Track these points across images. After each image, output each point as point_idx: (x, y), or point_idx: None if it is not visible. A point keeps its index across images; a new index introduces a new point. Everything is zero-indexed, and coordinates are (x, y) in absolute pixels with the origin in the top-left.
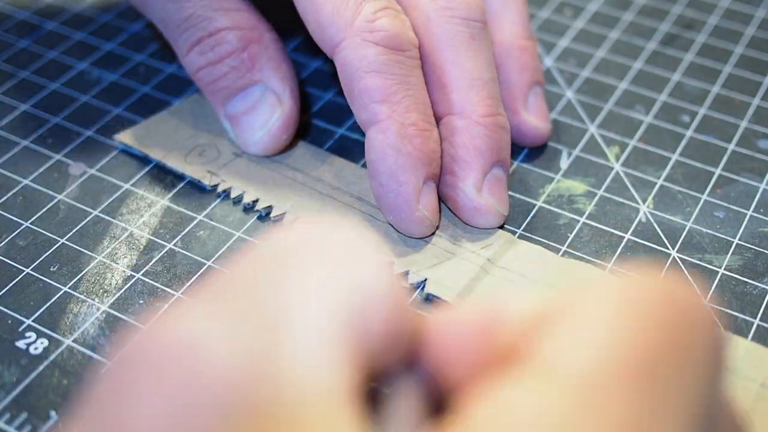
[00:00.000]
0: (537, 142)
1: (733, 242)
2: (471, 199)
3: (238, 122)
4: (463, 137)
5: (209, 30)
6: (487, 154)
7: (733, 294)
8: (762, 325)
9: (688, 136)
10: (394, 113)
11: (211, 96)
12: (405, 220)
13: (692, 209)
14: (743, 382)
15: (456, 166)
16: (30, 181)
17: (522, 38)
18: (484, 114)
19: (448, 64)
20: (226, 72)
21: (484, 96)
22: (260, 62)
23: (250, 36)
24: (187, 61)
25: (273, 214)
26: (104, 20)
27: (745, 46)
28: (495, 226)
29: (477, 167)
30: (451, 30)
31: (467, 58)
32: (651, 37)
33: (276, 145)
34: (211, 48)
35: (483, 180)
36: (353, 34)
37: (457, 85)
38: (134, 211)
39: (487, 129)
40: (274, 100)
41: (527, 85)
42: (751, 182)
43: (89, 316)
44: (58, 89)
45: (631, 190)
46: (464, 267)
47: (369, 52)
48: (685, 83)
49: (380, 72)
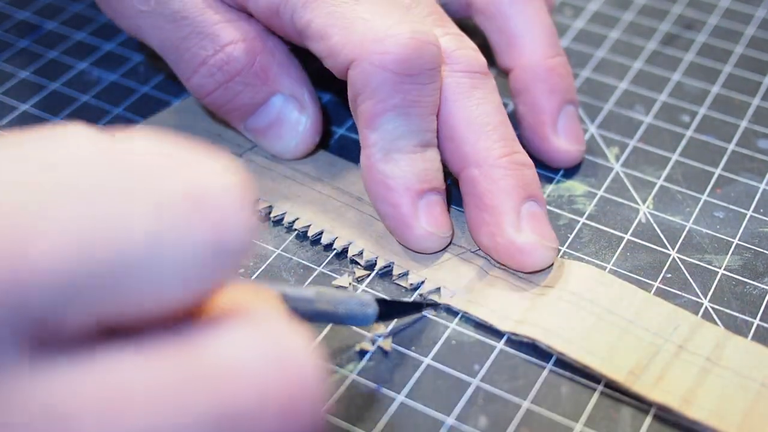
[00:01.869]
0: (569, 165)
1: (733, 242)
2: (512, 241)
3: (265, 135)
4: (484, 184)
5: (213, 48)
6: (513, 193)
7: (733, 294)
8: (762, 325)
9: (688, 136)
10: (382, 140)
11: (227, 115)
12: (408, 239)
13: (692, 209)
14: (743, 381)
15: (486, 214)
16: None
17: (548, 57)
18: (499, 156)
19: (453, 118)
20: (241, 90)
21: (495, 139)
22: (272, 71)
23: (255, 46)
24: (193, 85)
25: (273, 214)
26: (104, 20)
27: (745, 46)
28: (548, 263)
29: (507, 208)
30: (452, 83)
31: (472, 108)
32: (651, 37)
33: (309, 149)
34: (219, 68)
35: (518, 219)
36: (363, 56)
37: (466, 137)
38: None
39: (506, 169)
40: (298, 106)
41: (557, 109)
42: (751, 182)
43: None
44: (58, 89)
45: (631, 191)
46: (464, 267)
47: (374, 78)
48: (685, 83)
49: (378, 100)
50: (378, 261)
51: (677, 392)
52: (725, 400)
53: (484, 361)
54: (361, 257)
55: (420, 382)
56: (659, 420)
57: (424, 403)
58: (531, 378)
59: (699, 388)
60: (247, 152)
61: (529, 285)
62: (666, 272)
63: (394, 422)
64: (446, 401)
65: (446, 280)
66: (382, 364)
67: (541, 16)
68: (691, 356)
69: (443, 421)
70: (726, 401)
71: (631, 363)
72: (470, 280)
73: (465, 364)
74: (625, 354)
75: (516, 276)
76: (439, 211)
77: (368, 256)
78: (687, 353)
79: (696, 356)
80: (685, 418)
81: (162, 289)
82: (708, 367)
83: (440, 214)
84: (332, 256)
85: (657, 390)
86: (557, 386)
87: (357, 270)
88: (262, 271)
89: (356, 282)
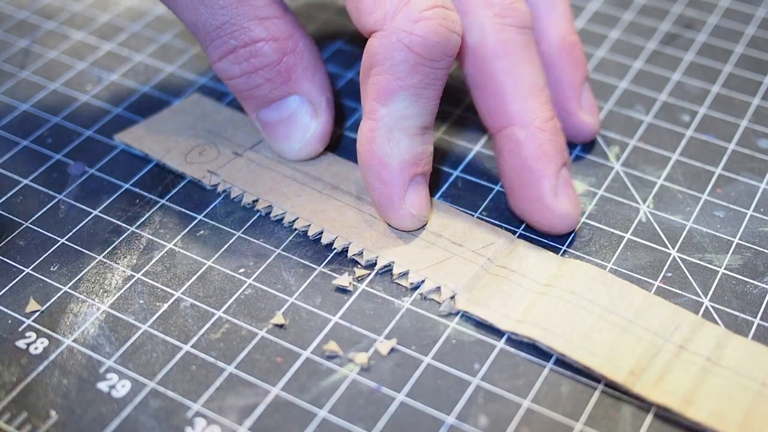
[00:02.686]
0: (589, 139)
1: (733, 242)
2: (550, 206)
3: (274, 131)
4: (531, 147)
5: (244, 41)
6: (556, 158)
7: (733, 293)
8: (762, 325)
9: (688, 135)
10: (389, 116)
11: (244, 102)
12: (390, 217)
13: (692, 209)
14: (743, 381)
15: (528, 176)
16: (30, 181)
17: (571, 32)
18: (545, 119)
19: (504, 74)
20: (261, 83)
21: (542, 102)
22: (296, 73)
23: (285, 47)
24: (219, 68)
25: (273, 214)
26: (104, 20)
27: (745, 46)
28: (573, 228)
29: (550, 173)
30: (507, 38)
31: (522, 66)
32: (651, 36)
33: (312, 155)
34: (246, 59)
35: (556, 185)
36: (391, 29)
37: (514, 95)
38: (134, 211)
39: (551, 134)
40: (311, 111)
41: (581, 83)
42: (751, 182)
43: (89, 316)
44: (58, 89)
45: (631, 190)
46: (464, 266)
47: (398, 55)
48: (685, 83)
49: (396, 77)
50: (378, 261)
51: (678, 392)
52: (726, 399)
53: (485, 360)
54: (361, 257)
55: (420, 382)
56: (660, 419)
57: (424, 402)
58: (531, 377)
59: (699, 387)
60: (247, 151)
61: (530, 284)
62: (666, 271)
63: (394, 422)
64: (446, 400)
65: (446, 279)
66: (382, 364)
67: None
68: (691, 356)
69: (443, 421)
70: (726, 401)
71: (631, 363)
72: (470, 280)
73: (465, 364)
74: (626, 354)
75: (516, 275)
76: (422, 195)
77: (368, 255)
78: (687, 353)
79: (696, 356)
80: (686, 418)
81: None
82: (708, 366)
83: (423, 197)
84: (332, 255)
85: (657, 390)
86: (557, 385)
87: (357, 270)
88: (262, 271)
89: (356, 281)
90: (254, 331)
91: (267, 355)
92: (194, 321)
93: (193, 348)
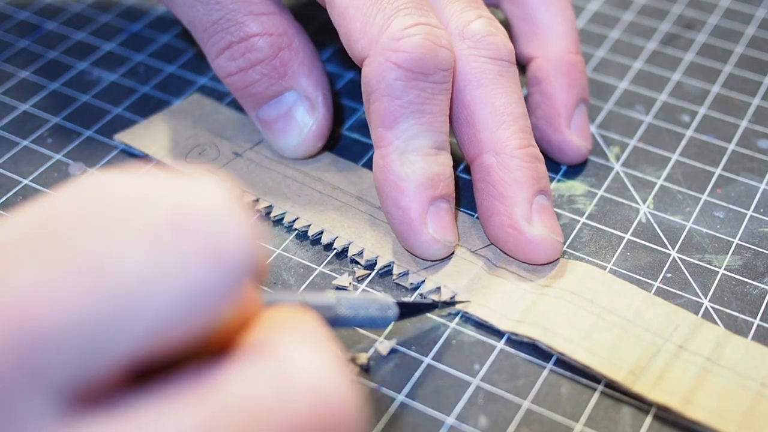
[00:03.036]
0: (576, 161)
1: (733, 242)
2: (523, 232)
3: (272, 128)
4: (500, 173)
5: (239, 35)
6: (527, 185)
7: (733, 294)
8: (762, 325)
9: (688, 136)
10: (398, 140)
11: (242, 100)
12: (413, 245)
13: (692, 209)
14: (743, 381)
15: (498, 203)
16: (30, 181)
17: (572, 52)
18: (517, 147)
19: (476, 104)
20: (258, 79)
21: (515, 130)
22: (292, 68)
23: (280, 42)
24: (216, 66)
25: (273, 214)
26: (104, 20)
27: (745, 46)
28: (555, 257)
29: (521, 199)
30: (480, 68)
31: (496, 96)
32: (651, 37)
33: (310, 151)
34: (242, 54)
35: (530, 211)
36: (378, 51)
37: (486, 123)
38: None
39: (522, 160)
40: (308, 107)
41: (574, 104)
42: (751, 182)
43: None
44: (58, 89)
45: (631, 190)
46: (464, 267)
47: (389, 75)
48: (685, 83)
49: (393, 97)
50: (378, 261)
51: (677, 392)
52: (725, 399)
53: (485, 360)
54: (361, 257)
55: (420, 382)
56: (659, 420)
57: (424, 403)
58: (531, 378)
59: (699, 387)
60: (247, 151)
61: (530, 285)
62: (666, 272)
63: (394, 422)
64: (446, 401)
65: (446, 279)
66: (382, 364)
67: (568, 13)
68: (691, 356)
69: (443, 421)
70: (726, 400)
71: (631, 362)
72: (470, 280)
73: (465, 364)
74: (625, 354)
75: (516, 275)
76: (446, 219)
77: (368, 255)
78: (687, 353)
79: (696, 356)
80: (686, 417)
81: (170, 321)
82: (708, 366)
83: (448, 222)
84: (332, 255)
85: (657, 390)
86: (557, 386)
87: (357, 270)
88: None
89: (356, 282)
90: None
91: None
92: None
93: None
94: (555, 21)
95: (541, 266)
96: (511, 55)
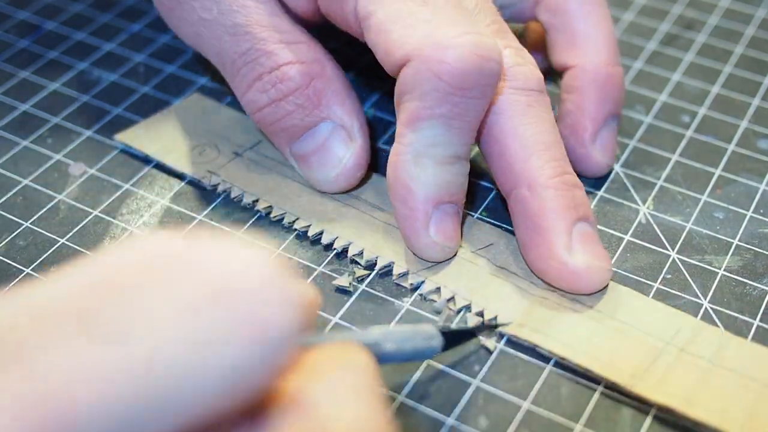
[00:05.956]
0: (596, 175)
1: (733, 243)
2: (565, 263)
3: (308, 162)
4: (535, 204)
5: (269, 65)
6: (564, 214)
7: (733, 295)
8: (762, 326)
9: (688, 136)
10: (417, 142)
11: (275, 136)
12: (414, 245)
13: (692, 210)
14: (745, 382)
15: (536, 235)
16: (30, 181)
17: (610, 64)
18: (550, 176)
19: (506, 137)
20: (291, 110)
21: (547, 159)
22: (326, 97)
23: (312, 70)
24: (247, 100)
25: (273, 214)
26: (104, 20)
27: (745, 46)
28: (604, 285)
29: (559, 229)
30: (508, 99)
31: (526, 126)
32: (651, 37)
33: (351, 183)
34: (273, 85)
35: (570, 240)
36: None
37: (517, 156)
38: (134, 211)
39: (557, 189)
40: (345, 136)
41: (603, 118)
42: (751, 182)
43: None
44: (58, 89)
45: (631, 191)
46: (464, 267)
47: (427, 84)
48: (685, 83)
49: (425, 105)
50: (378, 261)
51: (679, 393)
52: (727, 400)
53: (484, 361)
54: (361, 257)
55: (420, 382)
56: (659, 421)
57: (424, 403)
58: (531, 378)
59: (701, 389)
60: (247, 151)
61: (530, 287)
62: (666, 273)
63: (394, 422)
64: (446, 401)
65: (446, 280)
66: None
67: (608, 23)
68: (692, 358)
69: (443, 421)
70: (728, 402)
71: (632, 366)
72: (470, 281)
73: (465, 365)
74: (627, 358)
75: (516, 276)
76: (450, 224)
77: (368, 256)
78: (689, 355)
79: (698, 358)
80: (688, 418)
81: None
82: (710, 368)
83: (451, 226)
84: (332, 256)
85: (659, 392)
86: (557, 387)
87: (357, 270)
88: None
89: (356, 282)
90: None
91: None
92: None
93: None
94: (594, 31)
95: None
96: (540, 84)
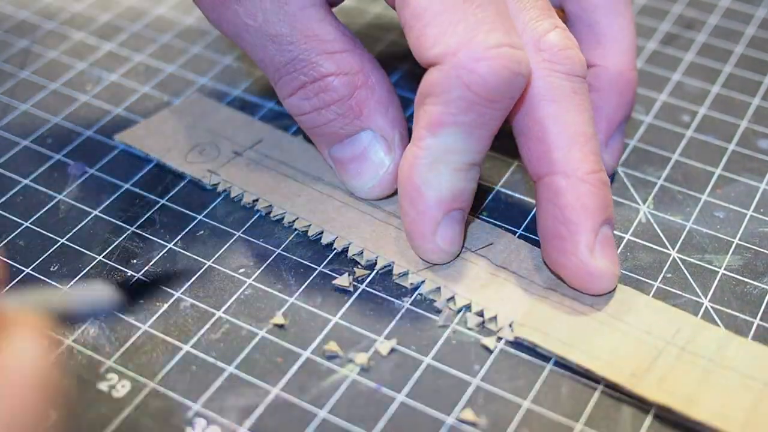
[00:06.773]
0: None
1: (733, 242)
2: (585, 263)
3: (346, 168)
4: (569, 197)
5: (313, 76)
6: (595, 213)
7: (733, 294)
8: (762, 325)
9: (688, 136)
10: (435, 147)
11: (314, 138)
12: (418, 248)
13: (692, 209)
14: (744, 381)
15: (564, 229)
16: (30, 181)
17: (632, 68)
18: (589, 171)
19: (549, 120)
20: (332, 119)
21: (587, 152)
22: (368, 107)
23: (356, 80)
24: (289, 104)
25: (273, 214)
26: (104, 20)
27: (745, 46)
28: (610, 290)
29: (588, 228)
30: (554, 83)
31: (570, 114)
32: (651, 37)
33: (386, 193)
34: (315, 94)
35: (595, 241)
36: (452, 65)
37: (558, 142)
38: (134, 211)
39: (593, 186)
40: (385, 147)
41: (618, 123)
42: (751, 182)
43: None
44: (58, 89)
45: (631, 190)
46: (465, 267)
47: (455, 91)
48: (685, 83)
49: (449, 111)
50: (378, 261)
51: (680, 392)
52: (728, 400)
53: (484, 360)
54: (361, 257)
55: (420, 382)
56: (660, 420)
57: (424, 403)
58: (531, 378)
59: (702, 388)
60: (247, 151)
61: (530, 286)
62: (666, 272)
63: (394, 422)
64: (446, 401)
65: (446, 280)
66: (382, 364)
67: (633, 26)
68: (693, 357)
69: (443, 421)
70: (729, 401)
71: (632, 365)
72: (471, 281)
73: (465, 364)
74: (627, 357)
75: (516, 276)
76: (456, 230)
77: (368, 255)
78: (689, 355)
79: (698, 357)
80: (689, 418)
81: None
82: (710, 368)
83: (456, 233)
84: (332, 256)
85: (659, 391)
86: (557, 386)
87: (357, 270)
88: (262, 271)
89: (356, 282)
90: (254, 332)
91: (267, 356)
92: (194, 321)
93: (193, 348)
94: (621, 34)
95: (541, 267)
96: (584, 71)
